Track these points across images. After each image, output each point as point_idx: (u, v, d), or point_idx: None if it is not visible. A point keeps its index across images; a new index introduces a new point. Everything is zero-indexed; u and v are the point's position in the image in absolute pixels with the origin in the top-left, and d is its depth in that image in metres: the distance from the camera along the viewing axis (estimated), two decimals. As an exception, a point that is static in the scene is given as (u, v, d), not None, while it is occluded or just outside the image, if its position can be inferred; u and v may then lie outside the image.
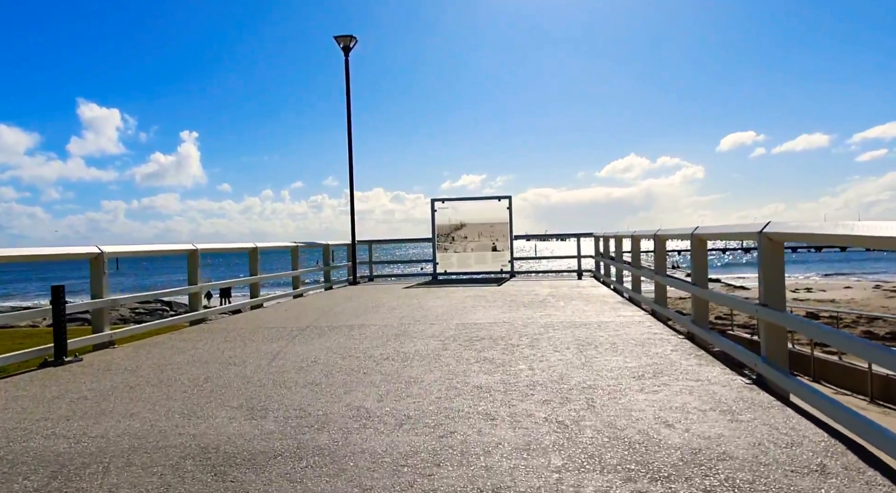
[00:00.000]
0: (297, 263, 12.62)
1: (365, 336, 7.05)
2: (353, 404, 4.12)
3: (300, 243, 12.90)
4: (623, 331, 6.91)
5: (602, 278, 14.31)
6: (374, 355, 5.85)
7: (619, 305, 9.54)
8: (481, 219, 17.01)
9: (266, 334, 7.52)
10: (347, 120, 15.74)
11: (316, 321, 8.49)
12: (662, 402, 3.97)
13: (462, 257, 16.91)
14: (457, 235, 17.06)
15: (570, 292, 11.85)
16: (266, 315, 9.54)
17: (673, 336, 6.47)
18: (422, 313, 9.09)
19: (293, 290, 12.56)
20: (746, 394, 4.10)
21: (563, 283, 14.09)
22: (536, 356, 5.59)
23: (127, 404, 4.30)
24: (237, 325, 8.42)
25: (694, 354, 5.49)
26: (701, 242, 6.37)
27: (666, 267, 8.38)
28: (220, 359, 5.90)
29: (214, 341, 7.08)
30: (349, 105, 15.71)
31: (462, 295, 11.63)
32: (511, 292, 12.13)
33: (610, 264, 13.19)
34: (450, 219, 17.12)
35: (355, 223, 15.93)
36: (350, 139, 15.72)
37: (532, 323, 7.70)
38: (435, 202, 17.09)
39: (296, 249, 12.63)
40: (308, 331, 7.61)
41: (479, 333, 7.04)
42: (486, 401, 4.13)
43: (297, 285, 12.63)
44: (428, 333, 7.17)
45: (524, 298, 10.85)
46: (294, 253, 12.64)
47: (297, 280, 12.63)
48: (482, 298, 11.06)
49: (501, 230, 16.87)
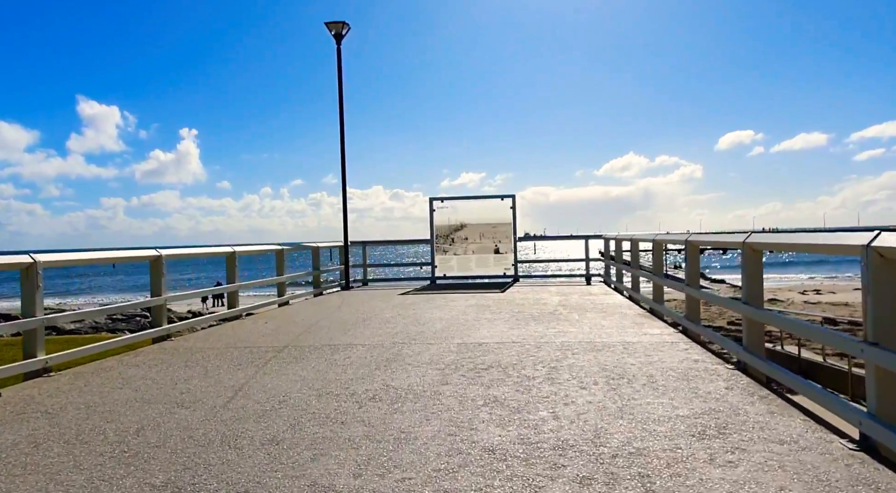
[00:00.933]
0: (282, 267, 11.50)
1: (350, 362, 5.95)
2: (320, 484, 3.02)
3: (285, 246, 11.78)
4: (656, 356, 5.81)
5: (614, 283, 13.23)
6: (357, 393, 4.75)
7: (641, 318, 8.45)
8: (483, 219, 15.92)
9: (235, 356, 6.42)
10: (340, 112, 14.63)
11: (296, 339, 7.39)
12: (749, 485, 2.87)
13: (462, 259, 15.81)
14: (457, 236, 15.97)
15: (581, 300, 10.76)
16: (242, 330, 8.44)
17: (720, 365, 5.37)
18: (418, 328, 7.99)
19: (278, 297, 11.45)
20: (859, 471, 3.00)
21: (572, 289, 13.00)
22: (559, 396, 4.49)
23: (8, 483, 3.17)
24: (206, 343, 7.32)
25: (757, 394, 4.40)
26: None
27: (698, 277, 7.29)
28: (168, 397, 4.80)
29: (172, 367, 5.98)
30: (341, 96, 14.61)
31: (463, 304, 10.54)
32: (517, 300, 11.04)
33: (624, 269, 12.10)
34: (449, 219, 16.03)
35: (348, 223, 14.83)
36: (342, 132, 14.62)
37: (546, 344, 6.61)
38: (433, 201, 15.99)
39: (281, 252, 11.52)
40: (285, 353, 6.51)
41: (486, 358, 5.95)
42: (502, 477, 3.03)
43: (282, 291, 11.53)
44: (425, 357, 6.07)
45: (532, 308, 9.75)
46: (279, 257, 11.54)
47: (282, 287, 11.52)
48: (485, 308, 9.97)
49: (504, 231, 15.77)
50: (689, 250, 7.22)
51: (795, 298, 30.38)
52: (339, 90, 14.59)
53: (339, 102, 14.61)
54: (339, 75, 14.58)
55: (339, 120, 14.61)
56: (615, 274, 13.11)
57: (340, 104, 14.61)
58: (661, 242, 9.14)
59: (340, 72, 14.56)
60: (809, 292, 36.15)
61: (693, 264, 7.25)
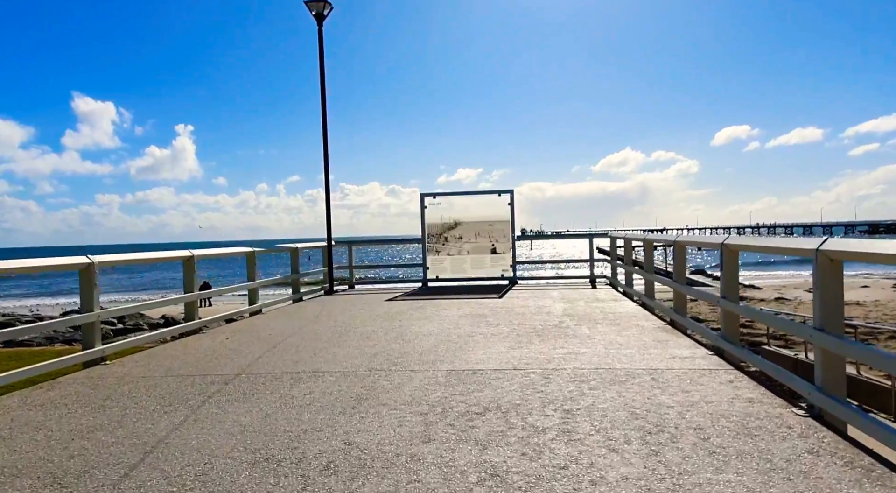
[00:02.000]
0: (253, 272, 10.25)
1: (310, 400, 4.72)
2: None
3: (257, 249, 10.52)
4: (696, 392, 4.60)
5: (622, 287, 12.02)
6: (306, 456, 3.52)
7: (662, 333, 7.24)
8: (479, 216, 14.68)
9: (171, 390, 5.17)
10: (322, 97, 13.34)
11: (254, 363, 6.15)
12: None
13: (456, 260, 14.58)
14: (450, 235, 14.73)
15: (589, 308, 9.55)
16: (196, 349, 7.19)
17: (785, 410, 4.15)
18: (401, 347, 6.77)
19: (249, 305, 10.20)
20: None
21: (577, 294, 11.78)
22: (581, 465, 3.27)
23: None
24: (144, 369, 6.08)
25: (858, 465, 3.18)
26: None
27: (737, 288, 6.07)
28: (49, 465, 3.55)
29: (83, 408, 4.73)
30: (323, 80, 13.31)
31: (456, 313, 9.31)
32: (516, 307, 9.82)
33: (636, 272, 10.88)
34: (442, 217, 14.78)
35: (331, 220, 13.59)
36: (324, 120, 13.34)
37: (555, 371, 5.39)
38: (425, 198, 14.74)
39: (252, 255, 10.26)
40: (234, 385, 5.28)
41: (481, 394, 4.72)
42: None
43: (253, 299, 10.26)
44: (405, 392, 4.84)
45: (534, 318, 8.54)
46: (250, 261, 10.28)
47: (253, 294, 10.26)
48: (481, 318, 8.74)
49: (502, 230, 14.54)
50: (725, 254, 5.99)
51: (803, 296, 29.26)
52: (321, 74, 13.30)
53: (321, 87, 13.33)
54: (320, 58, 13.29)
55: (321, 106, 13.34)
56: (624, 277, 11.90)
57: (322, 89, 13.33)
58: (683, 244, 7.92)
59: (322, 54, 13.28)
60: (816, 289, 34.97)
61: (729, 272, 6.02)
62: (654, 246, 10.70)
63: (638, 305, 9.88)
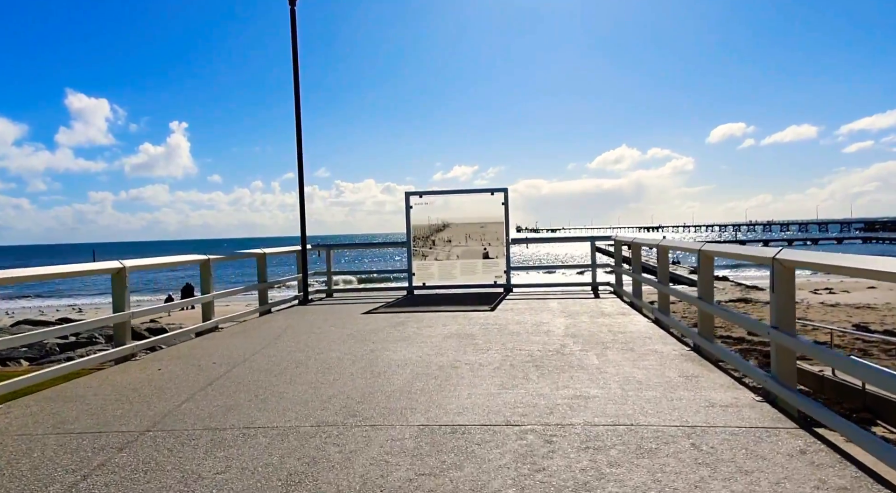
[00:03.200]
0: (208, 283, 8.88)
1: (218, 485, 3.38)
2: None
3: (215, 256, 9.14)
4: (762, 476, 3.27)
5: (628, 297, 10.72)
6: None
7: (687, 363, 5.94)
8: (470, 217, 13.35)
9: (44, 459, 3.82)
10: (295, 79, 11.97)
11: (173, 411, 4.80)
12: None
13: (445, 266, 13.24)
14: (438, 238, 13.39)
15: (594, 325, 8.23)
16: (113, 384, 5.84)
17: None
18: (367, 383, 5.44)
19: (203, 322, 8.83)
20: None
21: (579, 305, 10.47)
22: None
23: None
24: (26, 421, 4.72)
25: None
26: None
27: (793, 320, 4.74)
28: None
29: None
30: (296, 65, 11.94)
31: (441, 332, 7.99)
32: (511, 323, 8.49)
33: (646, 282, 9.56)
34: (429, 218, 13.45)
35: (305, 220, 12.22)
36: (298, 105, 11.97)
37: (561, 430, 4.06)
38: (410, 197, 13.40)
39: (206, 263, 8.89)
40: (130, 451, 3.93)
41: (461, 474, 3.40)
42: None
43: (208, 314, 8.89)
44: (355, 472, 3.50)
45: (532, 340, 7.22)
46: (204, 270, 8.90)
47: (207, 308, 8.89)
48: (469, 339, 7.43)
49: (495, 232, 13.21)
50: (778, 272, 4.65)
51: (811, 298, 28.04)
52: (294, 58, 11.93)
53: (294, 73, 11.95)
54: (293, 40, 11.91)
55: (294, 93, 11.97)
56: (632, 287, 10.59)
57: (295, 75, 11.95)
58: (710, 255, 6.60)
59: (295, 36, 11.90)
60: (821, 291, 33.87)
61: (785, 293, 4.69)
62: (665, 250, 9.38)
63: (650, 321, 8.57)
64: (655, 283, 8.62)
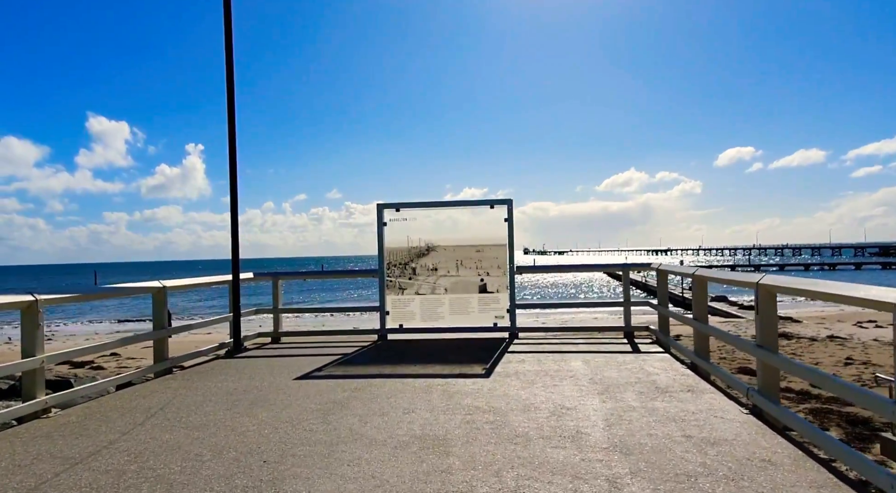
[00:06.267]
0: (32, 341, 5.63)
1: None
2: None
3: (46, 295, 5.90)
4: None
5: (682, 353, 7.41)
6: None
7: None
8: (462, 238, 10.13)
9: None
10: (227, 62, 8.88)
11: None
12: None
13: (429, 302, 9.99)
14: (420, 264, 10.16)
15: (654, 423, 4.91)
16: None
17: None
18: None
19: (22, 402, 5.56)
20: None
21: (615, 368, 7.13)
22: None
23: None
24: None
25: None
26: None
27: None
28: None
29: None
30: (229, 50, 8.86)
31: (396, 433, 4.71)
32: (514, 414, 5.19)
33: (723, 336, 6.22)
34: (409, 238, 10.23)
35: (238, 241, 9.02)
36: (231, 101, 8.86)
37: None
38: (384, 210, 10.20)
39: (30, 307, 5.63)
40: None
41: None
42: None
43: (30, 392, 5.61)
44: None
45: (552, 467, 3.92)
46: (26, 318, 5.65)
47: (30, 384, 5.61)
48: (440, 456, 4.14)
49: (495, 257, 9.98)
50: None
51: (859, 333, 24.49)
52: (227, 46, 8.84)
53: (227, 60, 8.86)
54: (226, 26, 8.83)
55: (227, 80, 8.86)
56: (694, 339, 7.27)
57: (229, 59, 8.85)
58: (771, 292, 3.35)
59: (229, 20, 8.82)
60: (865, 323, 30.31)
61: None
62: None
63: (743, 408, 5.24)
64: (753, 348, 5.34)
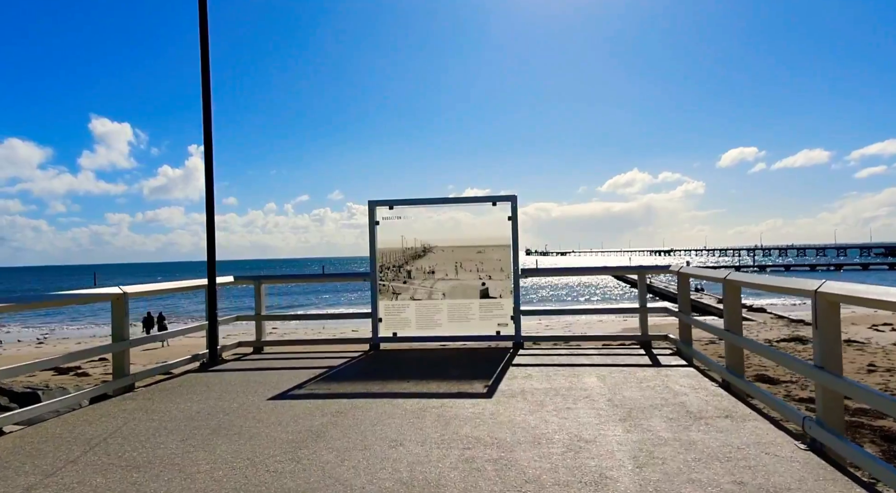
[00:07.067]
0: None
1: None
2: None
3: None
4: None
5: (711, 368, 6.53)
6: None
7: None
8: (462, 238, 9.26)
9: None
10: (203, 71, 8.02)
11: None
12: None
13: (426, 308, 9.11)
14: (416, 267, 9.28)
15: (694, 462, 4.02)
16: None
17: None
18: None
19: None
20: None
21: (635, 386, 6.25)
22: None
23: None
24: None
25: None
26: None
27: None
28: None
29: None
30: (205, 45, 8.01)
31: (378, 477, 3.84)
32: (521, 449, 4.31)
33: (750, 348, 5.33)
34: (404, 239, 9.36)
35: (215, 244, 8.16)
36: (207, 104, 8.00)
37: None
38: (377, 208, 9.33)
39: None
40: None
41: None
42: None
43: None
44: None
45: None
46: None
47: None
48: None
49: (497, 259, 9.10)
50: None
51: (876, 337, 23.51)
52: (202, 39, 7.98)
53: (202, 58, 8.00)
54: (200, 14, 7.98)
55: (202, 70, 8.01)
56: (725, 352, 6.37)
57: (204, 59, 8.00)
58: None
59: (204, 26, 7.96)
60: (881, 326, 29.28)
61: None
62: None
63: (800, 444, 4.35)
64: (810, 368, 4.45)
